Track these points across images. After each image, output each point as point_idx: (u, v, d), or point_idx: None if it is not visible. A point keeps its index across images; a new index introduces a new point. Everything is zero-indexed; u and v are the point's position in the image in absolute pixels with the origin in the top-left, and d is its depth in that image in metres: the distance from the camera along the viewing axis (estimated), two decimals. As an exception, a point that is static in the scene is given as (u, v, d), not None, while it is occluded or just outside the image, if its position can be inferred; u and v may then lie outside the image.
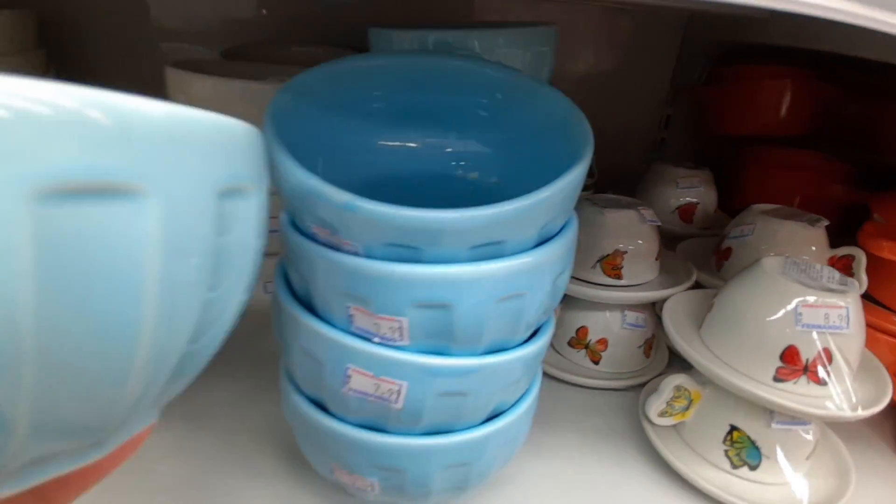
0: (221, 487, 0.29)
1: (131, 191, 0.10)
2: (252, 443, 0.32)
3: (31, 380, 0.10)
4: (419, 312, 0.20)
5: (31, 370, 0.10)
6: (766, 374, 0.29)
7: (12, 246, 0.09)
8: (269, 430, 0.33)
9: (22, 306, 0.09)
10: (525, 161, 0.28)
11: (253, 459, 0.31)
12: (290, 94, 0.24)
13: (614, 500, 0.31)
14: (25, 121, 0.09)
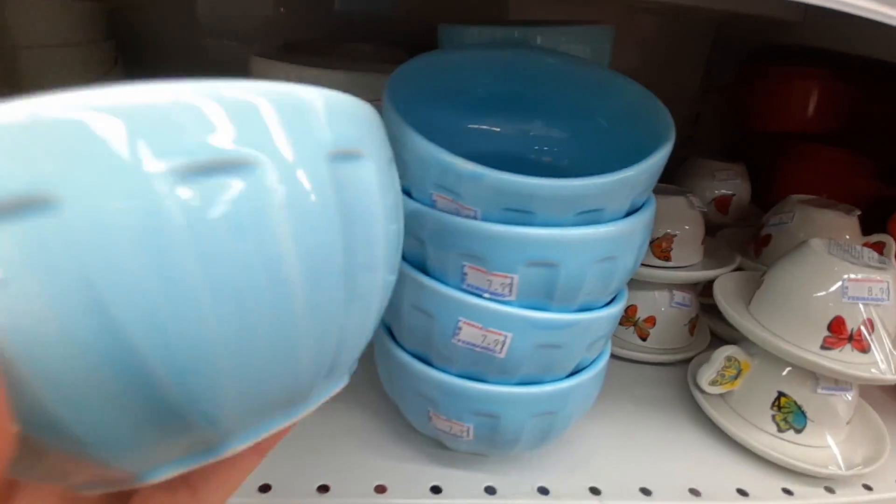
0: (319, 447, 0.32)
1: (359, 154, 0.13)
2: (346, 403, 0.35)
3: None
4: (529, 270, 0.23)
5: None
6: (814, 343, 0.32)
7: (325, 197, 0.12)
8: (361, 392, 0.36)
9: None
10: (598, 146, 0.31)
11: (350, 415, 0.34)
12: (402, 80, 0.27)
13: (668, 459, 0.34)
14: (315, 109, 0.12)
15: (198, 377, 0.11)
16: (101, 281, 0.09)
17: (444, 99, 0.30)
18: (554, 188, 0.22)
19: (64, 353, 0.10)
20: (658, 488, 0.31)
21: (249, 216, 0.10)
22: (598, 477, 0.31)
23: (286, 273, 0.11)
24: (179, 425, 0.12)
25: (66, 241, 0.09)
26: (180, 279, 0.10)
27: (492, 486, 0.30)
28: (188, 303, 0.10)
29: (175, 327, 0.10)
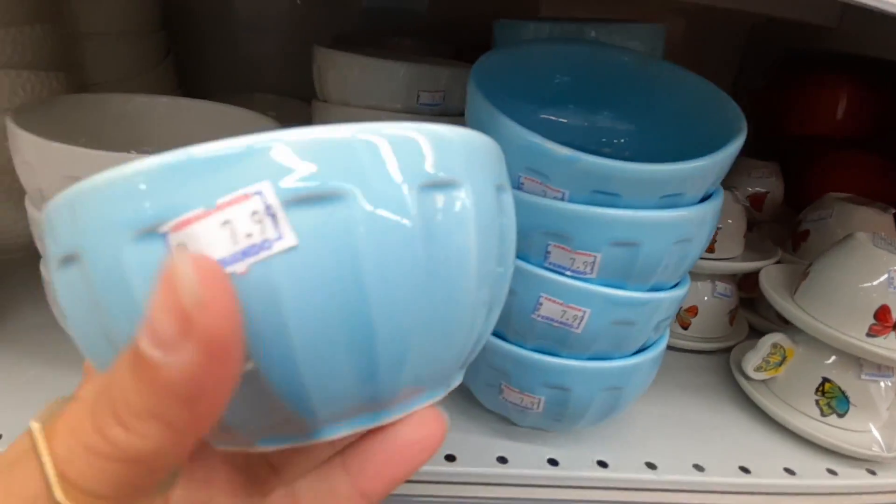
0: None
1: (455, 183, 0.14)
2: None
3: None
4: (612, 250, 0.25)
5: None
6: (860, 331, 0.34)
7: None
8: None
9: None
10: (661, 140, 0.32)
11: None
12: (485, 70, 0.29)
13: (717, 439, 0.35)
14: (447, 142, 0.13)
15: (397, 344, 0.13)
16: (366, 260, 0.12)
17: (519, 89, 0.31)
18: (645, 172, 0.23)
19: (321, 308, 0.12)
20: (710, 465, 0.33)
21: (340, 237, 0.12)
22: (653, 453, 0.33)
23: (364, 279, 0.12)
24: (370, 386, 0.13)
25: (347, 226, 0.12)
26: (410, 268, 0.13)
27: (554, 458, 0.32)
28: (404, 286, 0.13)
29: (398, 303, 0.13)
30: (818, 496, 0.33)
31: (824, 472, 0.34)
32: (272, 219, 0.11)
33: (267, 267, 0.11)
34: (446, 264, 0.13)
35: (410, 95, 0.41)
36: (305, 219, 0.11)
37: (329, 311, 0.12)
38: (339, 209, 0.12)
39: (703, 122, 0.30)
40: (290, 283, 0.11)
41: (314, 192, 0.11)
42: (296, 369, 0.12)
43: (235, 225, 0.11)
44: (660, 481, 0.31)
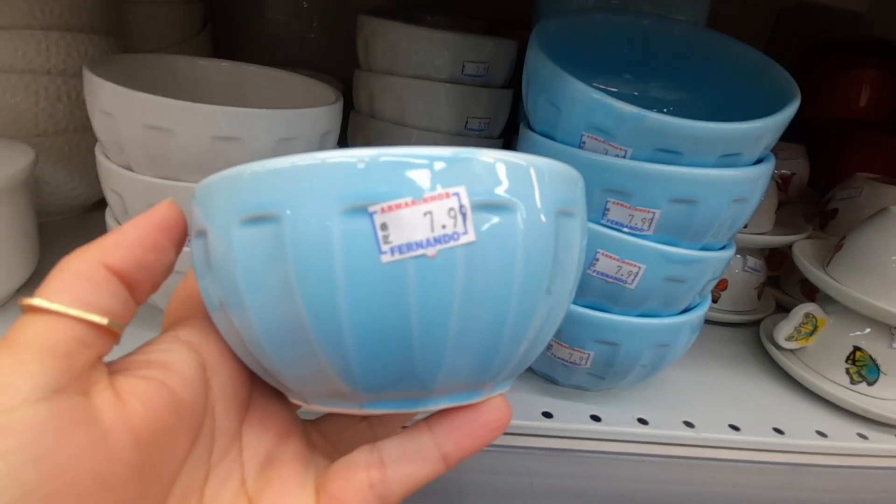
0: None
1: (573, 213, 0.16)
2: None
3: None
4: (671, 206, 0.26)
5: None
6: (892, 300, 0.35)
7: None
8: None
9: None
10: (711, 107, 0.33)
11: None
12: (544, 36, 0.29)
13: (750, 402, 0.37)
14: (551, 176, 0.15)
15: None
16: (517, 263, 0.15)
17: (573, 56, 0.32)
18: (709, 130, 0.24)
19: (482, 295, 0.14)
20: (745, 425, 0.34)
21: (503, 240, 0.14)
22: (690, 413, 0.34)
23: (512, 279, 0.15)
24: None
25: (511, 232, 0.14)
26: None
27: (596, 415, 0.33)
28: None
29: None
30: (849, 457, 0.34)
31: (855, 435, 0.35)
32: (463, 217, 0.14)
33: (450, 254, 0.14)
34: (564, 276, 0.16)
35: (456, 65, 0.42)
36: (483, 221, 0.14)
37: (485, 299, 0.15)
38: (508, 218, 0.14)
39: (752, 90, 0.31)
40: (463, 271, 0.14)
41: (494, 201, 0.14)
42: (450, 348, 0.15)
43: (435, 216, 0.14)
44: (698, 438, 0.33)
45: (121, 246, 0.16)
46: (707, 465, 0.32)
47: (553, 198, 0.15)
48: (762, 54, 0.31)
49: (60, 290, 0.14)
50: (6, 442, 0.12)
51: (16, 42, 0.39)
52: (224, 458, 0.17)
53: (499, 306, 0.15)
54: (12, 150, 0.35)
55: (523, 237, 0.15)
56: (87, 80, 0.28)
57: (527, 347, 0.17)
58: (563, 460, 0.31)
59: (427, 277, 0.14)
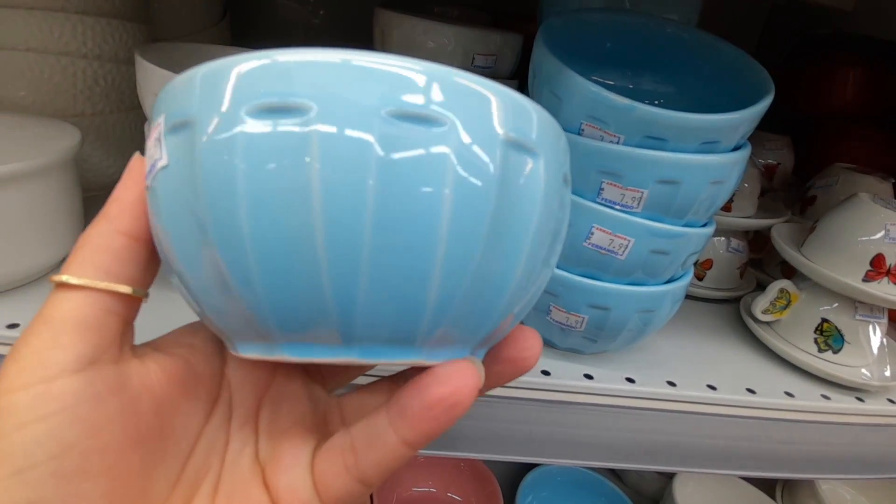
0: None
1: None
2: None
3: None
4: (657, 186, 0.30)
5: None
6: (857, 277, 0.39)
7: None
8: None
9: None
10: (697, 99, 0.37)
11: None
12: (549, 32, 0.33)
13: (727, 366, 0.41)
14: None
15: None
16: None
17: (574, 51, 0.36)
18: (691, 120, 0.28)
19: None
20: (721, 385, 0.38)
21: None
22: (673, 374, 0.38)
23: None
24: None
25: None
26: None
27: (589, 374, 0.37)
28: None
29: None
30: (813, 413, 0.38)
31: (819, 396, 0.39)
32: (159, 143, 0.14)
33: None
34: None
35: (467, 57, 0.45)
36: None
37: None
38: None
39: (734, 84, 0.34)
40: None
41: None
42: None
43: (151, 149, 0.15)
44: (678, 395, 0.37)
45: (125, 210, 0.16)
46: (686, 419, 0.36)
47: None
48: (743, 52, 0.34)
49: (84, 264, 0.16)
50: (48, 406, 0.14)
51: (51, 24, 0.41)
52: (243, 429, 0.19)
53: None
54: (60, 129, 0.39)
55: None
56: (139, 65, 0.32)
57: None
58: (559, 412, 0.35)
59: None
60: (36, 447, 0.14)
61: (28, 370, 0.14)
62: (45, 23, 0.41)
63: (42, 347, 0.15)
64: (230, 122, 0.13)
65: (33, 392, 0.14)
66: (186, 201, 0.14)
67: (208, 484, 0.18)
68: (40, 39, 0.41)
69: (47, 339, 0.15)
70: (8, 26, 0.40)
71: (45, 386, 0.14)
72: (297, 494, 0.17)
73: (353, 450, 0.17)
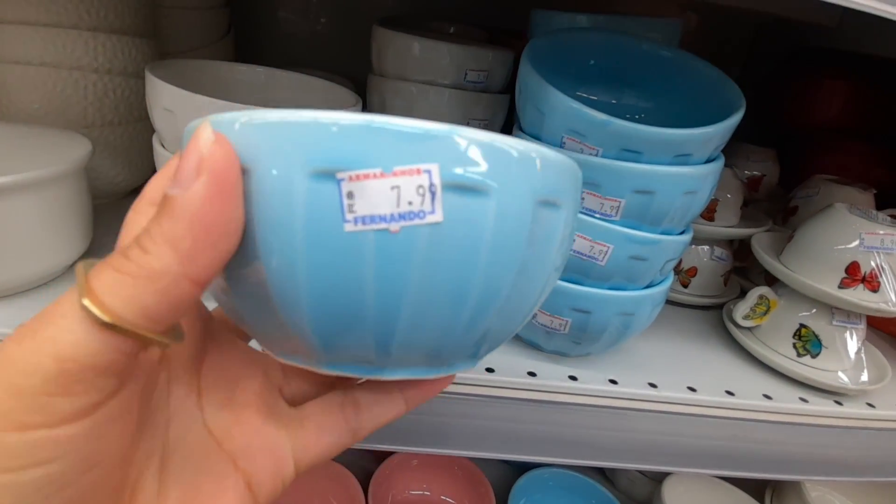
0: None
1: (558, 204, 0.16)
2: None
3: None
4: (633, 196, 0.32)
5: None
6: (833, 284, 0.41)
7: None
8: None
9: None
10: (676, 114, 0.38)
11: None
12: (535, 50, 0.35)
13: (707, 370, 0.42)
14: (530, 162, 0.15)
15: (390, 314, 0.15)
16: (482, 250, 0.15)
17: (559, 69, 0.38)
18: (663, 134, 0.30)
19: (435, 275, 0.15)
20: (701, 387, 0.40)
21: (472, 224, 0.14)
22: (655, 376, 0.40)
23: (475, 264, 0.15)
24: (365, 341, 0.16)
25: (480, 217, 0.15)
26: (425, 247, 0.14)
27: (574, 375, 0.38)
28: (416, 257, 0.14)
29: (406, 272, 0.14)
30: (790, 415, 0.40)
31: (797, 399, 0.41)
32: (432, 195, 0.13)
33: (413, 232, 0.14)
34: (533, 263, 0.16)
35: (459, 73, 0.47)
36: (453, 202, 0.14)
37: (445, 280, 0.14)
38: (480, 202, 0.14)
39: (710, 100, 0.36)
40: (425, 250, 0.14)
41: (468, 183, 0.14)
42: (404, 324, 0.15)
43: (402, 191, 0.13)
44: (659, 396, 0.38)
45: (204, 252, 0.13)
46: (666, 419, 0.38)
47: (535, 186, 0.15)
48: (719, 70, 0.36)
49: (132, 303, 0.13)
50: (52, 452, 0.13)
51: (64, 40, 0.43)
52: (184, 404, 0.18)
53: (458, 289, 0.15)
54: (71, 140, 0.41)
55: (493, 224, 0.14)
56: (149, 81, 0.34)
57: (489, 330, 0.16)
58: (545, 411, 0.37)
59: (387, 252, 0.14)
60: (32, 491, 0.13)
61: (28, 411, 0.12)
62: (59, 39, 0.43)
63: (51, 391, 0.12)
64: None
65: (33, 437, 0.12)
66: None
67: (157, 459, 0.17)
68: (54, 55, 0.43)
69: (59, 383, 0.13)
70: (24, 42, 0.42)
71: (47, 432, 0.13)
72: (276, 452, 0.18)
73: (357, 405, 0.20)
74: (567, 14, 0.44)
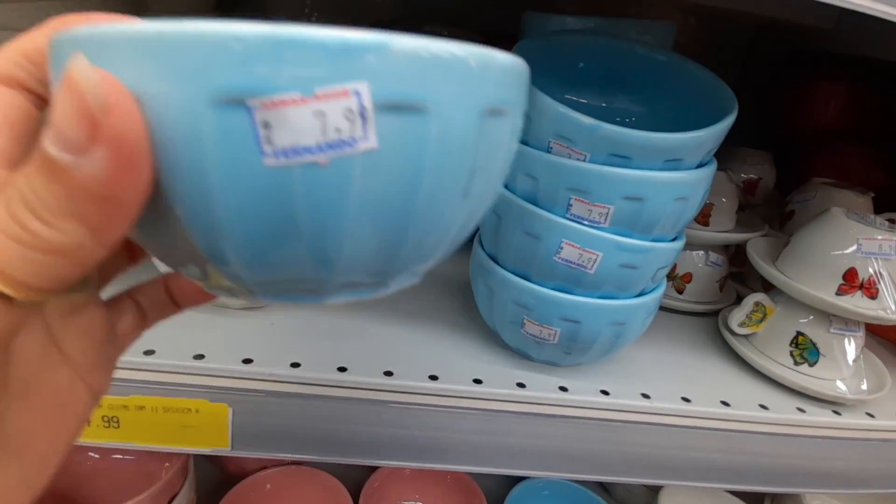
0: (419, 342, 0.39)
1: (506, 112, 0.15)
2: (443, 318, 0.42)
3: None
4: (623, 203, 0.31)
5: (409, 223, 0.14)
6: (830, 290, 0.40)
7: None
8: (460, 322, 0.43)
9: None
10: (668, 118, 0.38)
11: (452, 337, 0.41)
12: (524, 52, 0.34)
13: (702, 379, 0.41)
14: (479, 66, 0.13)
15: (327, 251, 0.14)
16: (424, 172, 0.13)
17: (548, 72, 0.37)
18: (653, 139, 0.29)
19: (373, 204, 0.13)
20: (695, 398, 0.39)
21: (412, 147, 0.13)
22: (648, 386, 0.39)
23: (419, 189, 0.13)
24: (300, 276, 0.14)
25: (419, 139, 0.13)
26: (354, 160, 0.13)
27: (564, 386, 0.37)
28: (350, 173, 0.13)
29: (334, 186, 0.13)
30: (788, 426, 0.39)
31: (794, 409, 0.40)
32: (363, 119, 0.12)
33: (345, 163, 0.12)
34: (478, 174, 0.15)
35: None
36: (388, 125, 0.12)
37: (386, 210, 0.13)
38: (419, 122, 0.12)
39: (702, 104, 0.35)
40: (361, 181, 0.12)
41: (405, 101, 0.12)
42: (343, 257, 0.14)
43: (328, 118, 0.11)
44: (652, 407, 0.37)
45: None
46: (659, 430, 0.37)
47: (480, 96, 0.13)
48: (711, 73, 0.35)
49: None
50: None
51: (48, 11, 0.42)
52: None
53: (401, 217, 0.14)
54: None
55: (437, 144, 0.13)
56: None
57: (436, 248, 0.16)
58: (534, 424, 0.36)
59: (317, 187, 0.12)
60: None
61: None
62: (42, 11, 0.42)
63: None
64: None
65: None
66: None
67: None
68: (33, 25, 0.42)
69: None
70: (2, 13, 0.41)
71: None
72: (93, 337, 0.17)
73: (141, 310, 0.20)
74: (560, 17, 0.43)
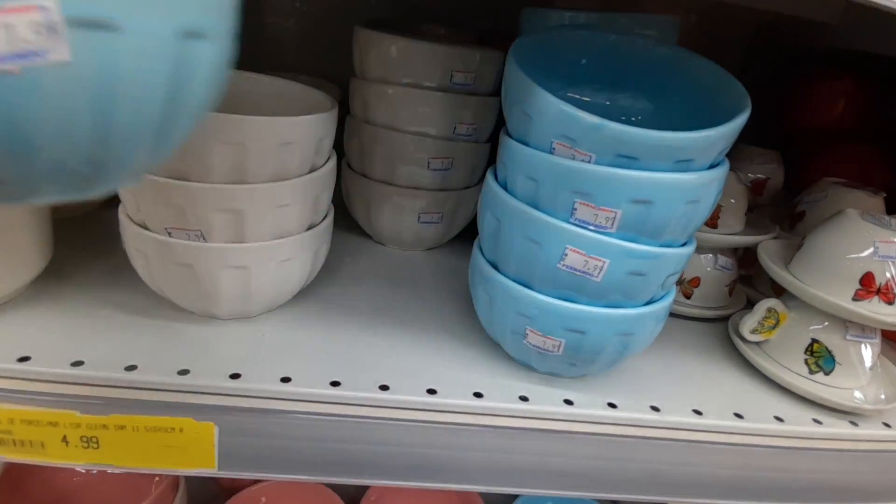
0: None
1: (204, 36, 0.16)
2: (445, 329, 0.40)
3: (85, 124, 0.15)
4: (630, 206, 0.29)
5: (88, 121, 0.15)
6: (846, 296, 0.38)
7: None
8: (462, 333, 0.41)
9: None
10: (675, 116, 0.36)
11: (453, 346, 0.39)
12: (522, 50, 0.32)
13: (714, 389, 0.39)
14: None
15: (21, 159, 0.15)
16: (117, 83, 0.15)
17: (549, 69, 0.35)
18: (662, 138, 0.27)
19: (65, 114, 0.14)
20: (707, 410, 0.37)
21: (104, 63, 0.14)
22: (657, 398, 0.37)
23: (118, 102, 0.15)
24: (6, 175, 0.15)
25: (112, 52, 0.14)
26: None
27: (569, 399, 0.36)
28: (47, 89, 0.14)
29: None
30: (804, 440, 0.37)
31: (810, 421, 0.38)
32: (53, 33, 0.13)
33: (37, 73, 0.13)
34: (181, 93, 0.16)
35: (445, 75, 0.44)
36: (82, 40, 0.13)
37: (81, 121, 0.14)
38: (113, 39, 0.14)
39: (711, 101, 0.34)
40: (55, 89, 0.14)
41: (96, 19, 0.13)
42: (38, 168, 0.15)
43: (16, 30, 0.13)
44: (662, 421, 0.35)
45: None
46: (670, 446, 0.35)
47: (175, 19, 0.15)
48: (720, 68, 0.34)
49: None
50: None
51: None
52: None
53: (102, 127, 0.15)
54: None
55: (131, 61, 0.14)
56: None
57: (149, 154, 0.17)
58: (537, 439, 0.34)
59: (12, 93, 0.13)
60: None
61: None
62: None
63: None
64: None
65: None
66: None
67: None
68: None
69: None
70: None
71: None
72: None
73: None
74: (560, 12, 0.42)
